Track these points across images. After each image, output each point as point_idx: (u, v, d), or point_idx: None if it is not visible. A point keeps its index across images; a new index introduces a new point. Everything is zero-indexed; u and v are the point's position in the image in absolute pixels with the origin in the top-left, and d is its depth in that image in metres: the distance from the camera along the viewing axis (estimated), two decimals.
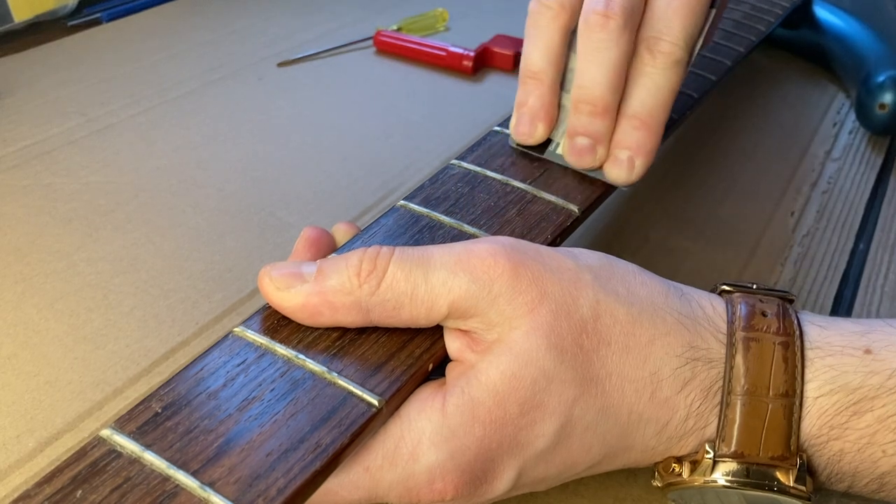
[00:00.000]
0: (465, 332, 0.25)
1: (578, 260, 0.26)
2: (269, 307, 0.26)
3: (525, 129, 0.33)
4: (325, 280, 0.24)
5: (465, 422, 0.24)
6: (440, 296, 0.24)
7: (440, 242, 0.29)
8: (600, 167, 0.33)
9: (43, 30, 0.63)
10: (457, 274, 0.24)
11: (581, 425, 0.24)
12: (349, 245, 0.29)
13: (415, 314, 0.24)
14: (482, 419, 0.24)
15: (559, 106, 0.34)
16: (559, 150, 0.33)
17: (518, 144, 0.34)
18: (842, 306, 0.40)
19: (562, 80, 0.33)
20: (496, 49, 0.59)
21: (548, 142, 0.34)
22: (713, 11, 0.33)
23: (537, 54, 0.32)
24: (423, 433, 0.24)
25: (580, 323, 0.24)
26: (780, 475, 0.25)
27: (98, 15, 0.65)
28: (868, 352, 0.25)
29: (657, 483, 0.27)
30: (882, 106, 0.51)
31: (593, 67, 0.31)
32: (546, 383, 0.24)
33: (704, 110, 0.55)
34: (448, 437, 0.23)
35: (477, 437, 0.24)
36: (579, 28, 0.31)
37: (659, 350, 0.25)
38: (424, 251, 0.25)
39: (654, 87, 0.31)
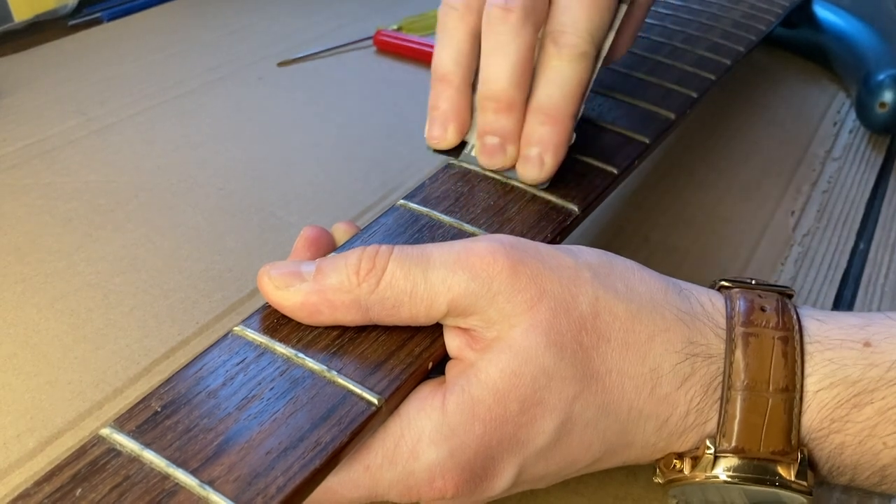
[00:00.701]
0: (464, 330, 0.25)
1: (577, 257, 0.26)
2: (269, 306, 0.26)
3: (437, 133, 0.33)
4: (325, 278, 0.24)
5: (465, 420, 0.24)
6: (439, 294, 0.24)
7: (440, 241, 0.29)
8: (513, 167, 0.32)
9: (43, 29, 0.63)
10: (456, 272, 0.24)
11: (581, 422, 0.24)
12: (349, 244, 0.29)
13: (414, 312, 0.24)
14: (482, 417, 0.24)
15: (473, 108, 0.33)
16: (473, 153, 0.33)
17: (434, 150, 0.33)
18: (842, 306, 0.40)
19: (475, 82, 0.32)
20: None
21: (463, 145, 0.33)
22: (623, 7, 0.33)
23: (445, 56, 0.32)
24: (423, 431, 0.24)
25: (579, 320, 0.24)
26: (781, 470, 0.25)
27: (98, 14, 0.65)
28: (867, 344, 0.25)
29: (658, 479, 0.27)
30: (882, 105, 0.51)
31: (495, 62, 0.30)
32: (546, 381, 0.24)
33: (704, 110, 0.55)
34: (448, 436, 0.23)
35: (477, 435, 0.24)
36: (482, 24, 0.31)
37: (658, 346, 0.25)
38: (423, 249, 0.25)
39: (559, 79, 0.31)
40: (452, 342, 0.25)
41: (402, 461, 0.24)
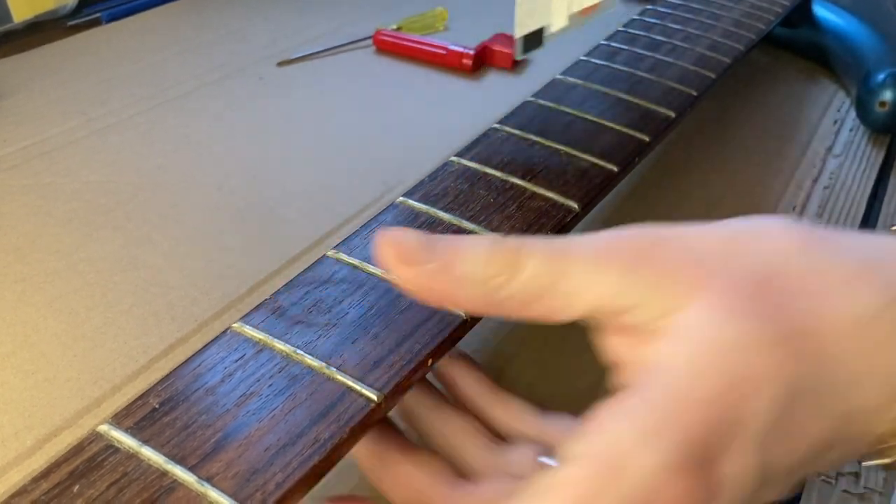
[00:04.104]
0: (625, 329, 0.22)
1: (724, 226, 0.24)
2: (268, 304, 0.26)
3: None
4: (455, 266, 0.22)
5: (666, 417, 0.20)
6: (582, 291, 0.22)
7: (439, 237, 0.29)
8: None
9: (43, 30, 0.63)
10: (600, 268, 0.22)
11: (794, 387, 0.21)
12: (353, 237, 0.29)
13: (549, 311, 0.22)
14: (685, 409, 0.20)
15: None
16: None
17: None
18: None
19: None
20: (496, 47, 0.59)
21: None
22: None
23: None
24: (624, 443, 0.20)
25: (761, 279, 0.22)
26: None
27: (98, 15, 0.65)
28: None
29: (885, 459, 0.23)
30: (882, 104, 0.51)
31: None
32: (744, 353, 0.21)
33: (704, 108, 0.55)
34: (654, 437, 0.20)
35: (685, 427, 0.20)
36: None
37: (858, 289, 0.22)
38: (565, 244, 0.23)
39: None
40: (617, 347, 0.23)
41: (616, 485, 0.19)
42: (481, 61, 0.59)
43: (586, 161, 0.34)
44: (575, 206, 0.31)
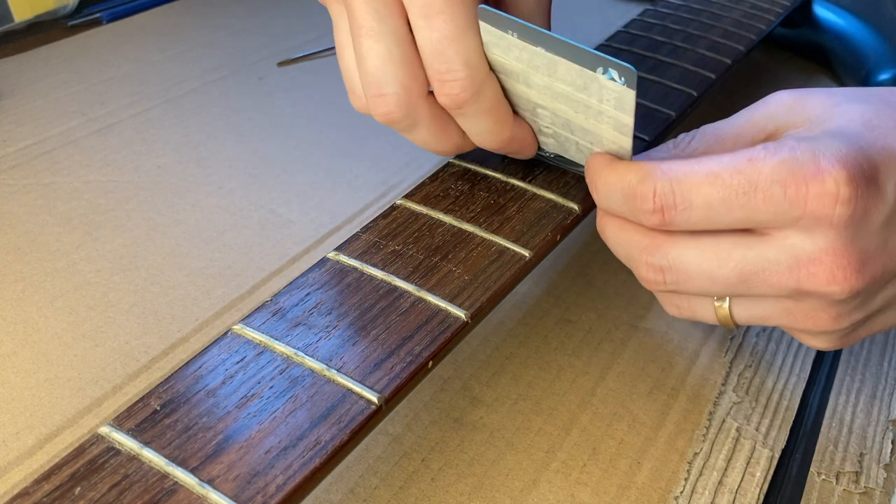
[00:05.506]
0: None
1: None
2: (269, 305, 0.26)
3: None
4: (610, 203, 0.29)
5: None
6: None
7: (440, 240, 0.29)
8: None
9: (43, 30, 0.63)
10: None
11: None
12: (350, 242, 0.29)
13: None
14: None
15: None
16: None
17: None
18: None
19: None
20: None
21: None
22: None
23: None
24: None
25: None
26: None
27: (98, 15, 0.65)
28: None
29: None
30: None
31: None
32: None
33: (704, 108, 0.55)
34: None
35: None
36: None
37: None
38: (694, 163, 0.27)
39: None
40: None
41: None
42: None
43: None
44: (575, 207, 0.31)
